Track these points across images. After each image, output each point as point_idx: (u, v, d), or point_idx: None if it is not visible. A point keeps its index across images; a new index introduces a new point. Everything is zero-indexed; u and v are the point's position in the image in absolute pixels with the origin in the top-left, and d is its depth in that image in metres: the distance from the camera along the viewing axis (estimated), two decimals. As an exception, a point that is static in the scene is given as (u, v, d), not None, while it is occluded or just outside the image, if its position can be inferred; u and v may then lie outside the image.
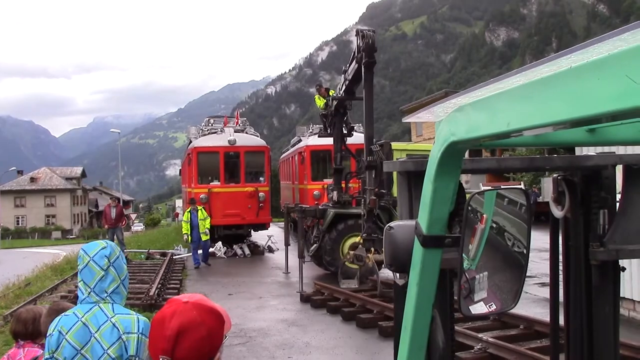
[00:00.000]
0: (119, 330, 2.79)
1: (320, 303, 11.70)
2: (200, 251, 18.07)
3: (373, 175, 11.80)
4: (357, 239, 14.18)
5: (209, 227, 17.90)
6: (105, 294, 2.84)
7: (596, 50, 0.75)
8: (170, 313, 1.74)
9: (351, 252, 11.87)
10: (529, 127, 0.85)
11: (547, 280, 10.78)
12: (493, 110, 0.97)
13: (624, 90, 0.65)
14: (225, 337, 1.84)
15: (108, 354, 2.76)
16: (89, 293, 2.83)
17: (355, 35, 12.46)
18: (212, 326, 1.76)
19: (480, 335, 7.64)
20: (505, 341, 7.54)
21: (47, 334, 2.84)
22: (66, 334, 2.77)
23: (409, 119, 1.66)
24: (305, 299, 12.19)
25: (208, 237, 17.96)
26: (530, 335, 8.20)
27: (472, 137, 1.07)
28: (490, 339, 7.44)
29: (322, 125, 19.19)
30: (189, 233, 17.60)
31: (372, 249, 11.29)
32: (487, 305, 1.42)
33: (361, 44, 12.03)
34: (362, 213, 11.98)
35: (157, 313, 1.80)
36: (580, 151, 7.43)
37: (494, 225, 1.42)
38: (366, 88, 12.18)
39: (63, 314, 2.90)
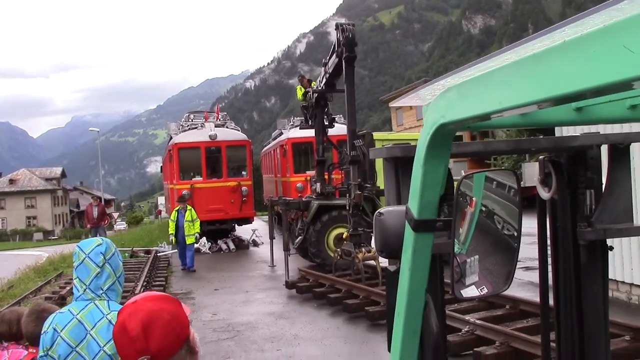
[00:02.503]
0: None
1: (306, 289, 11.76)
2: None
3: (357, 170, 11.85)
4: (341, 230, 14.23)
5: (198, 230, 16.28)
6: (101, 291, 2.83)
7: (591, 22, 0.74)
8: (127, 317, 1.71)
9: (338, 249, 11.88)
10: (524, 104, 0.84)
11: (532, 264, 10.88)
12: (484, 89, 0.96)
13: (622, 61, 0.64)
14: (190, 319, 1.83)
15: (104, 351, 2.75)
16: (85, 290, 2.82)
17: (335, 29, 12.43)
18: (171, 308, 1.75)
19: (467, 317, 7.66)
20: (492, 322, 7.56)
21: (42, 332, 2.83)
22: (61, 331, 2.76)
23: (396, 104, 1.65)
24: (290, 285, 12.24)
25: (193, 241, 16.22)
26: (516, 315, 8.25)
27: (463, 117, 1.05)
28: (477, 321, 7.47)
29: (303, 118, 19.18)
30: (174, 233, 16.18)
31: (363, 248, 11.30)
32: (479, 289, 1.42)
33: (341, 38, 12.02)
34: (348, 208, 11.99)
35: (115, 325, 1.76)
36: (560, 132, 7.48)
37: (484, 208, 1.41)
38: (347, 83, 12.19)
39: (58, 311, 2.89)
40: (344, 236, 12.28)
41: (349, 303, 10.08)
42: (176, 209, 16.60)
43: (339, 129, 16.75)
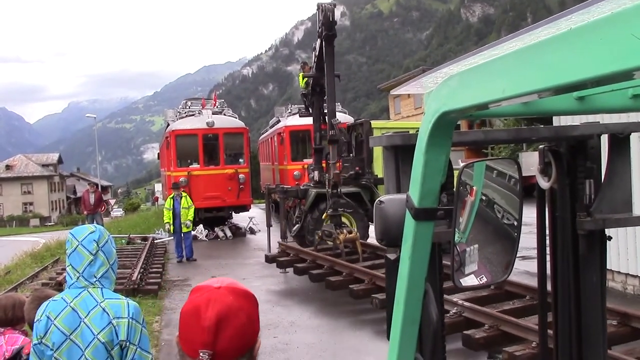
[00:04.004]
0: (109, 315, 2.76)
1: (287, 264, 11.74)
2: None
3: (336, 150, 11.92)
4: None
5: (191, 218, 15.82)
6: (94, 279, 2.80)
7: (598, 10, 0.73)
8: (204, 302, 1.56)
9: (319, 231, 11.82)
10: (528, 93, 0.83)
11: (529, 253, 10.87)
12: (488, 77, 0.95)
13: (630, 50, 0.64)
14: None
15: (98, 339, 2.73)
16: (78, 278, 2.79)
17: (317, 10, 12.54)
18: (250, 310, 1.62)
19: (454, 299, 7.55)
20: (477, 303, 7.48)
21: (35, 320, 2.81)
22: (55, 319, 2.74)
23: (397, 91, 1.64)
24: (270, 259, 12.21)
25: (190, 229, 15.81)
26: (502, 295, 8.12)
27: (465, 106, 1.05)
28: (465, 303, 7.38)
29: (300, 105, 19.13)
30: (171, 222, 15.59)
31: (344, 229, 11.28)
32: (479, 277, 1.42)
33: (321, 18, 12.15)
34: (327, 188, 12.02)
35: (187, 303, 1.61)
36: (558, 121, 7.48)
37: (485, 197, 1.41)
38: (327, 61, 12.27)
39: (51, 299, 2.86)
40: (323, 217, 12.30)
41: (332, 280, 10.03)
42: (170, 196, 16.18)
43: (338, 117, 16.71)
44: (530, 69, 0.82)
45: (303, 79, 15.77)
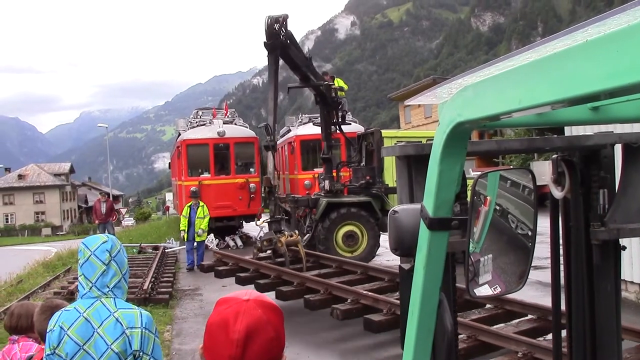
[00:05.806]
0: (122, 325, 2.76)
1: (227, 273, 11.02)
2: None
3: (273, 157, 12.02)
4: (350, 228, 14.21)
5: (205, 227, 15.71)
6: (107, 289, 2.81)
7: (614, 22, 0.74)
8: (233, 314, 1.53)
9: (258, 243, 11.42)
10: (544, 104, 0.84)
11: (540, 263, 10.77)
12: (503, 88, 0.96)
13: (647, 62, 0.64)
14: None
15: (112, 349, 2.73)
16: (90, 288, 2.79)
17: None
18: (277, 324, 1.59)
19: None
20: None
21: (48, 330, 2.80)
22: (68, 329, 2.74)
23: (411, 102, 1.65)
24: (206, 269, 11.58)
25: (203, 238, 15.76)
26: (461, 305, 7.52)
27: (480, 116, 1.05)
28: None
29: (311, 115, 19.18)
30: (186, 230, 15.54)
31: (285, 233, 11.11)
32: (493, 288, 1.42)
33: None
34: (263, 194, 11.98)
35: (215, 315, 1.58)
36: (569, 131, 7.44)
37: (499, 207, 1.41)
38: (268, 71, 12.40)
39: (64, 309, 2.86)
40: (258, 224, 12.10)
41: (284, 290, 9.41)
42: (188, 204, 16.09)
43: (352, 127, 16.74)
44: (547, 80, 0.83)
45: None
